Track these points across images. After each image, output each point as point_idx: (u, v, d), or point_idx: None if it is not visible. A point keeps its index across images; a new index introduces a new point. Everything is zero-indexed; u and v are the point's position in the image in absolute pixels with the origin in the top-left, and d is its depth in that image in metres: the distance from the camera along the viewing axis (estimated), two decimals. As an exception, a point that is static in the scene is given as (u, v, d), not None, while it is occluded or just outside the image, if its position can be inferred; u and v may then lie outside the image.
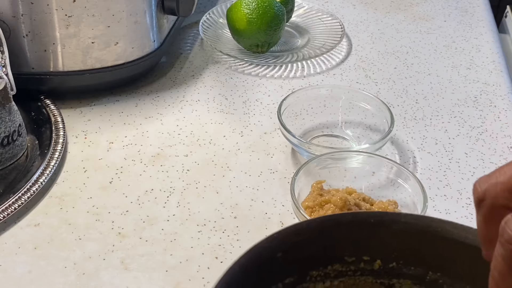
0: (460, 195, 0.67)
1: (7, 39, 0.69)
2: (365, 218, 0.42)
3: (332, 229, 0.42)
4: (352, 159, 0.67)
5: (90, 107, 0.77)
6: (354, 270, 0.43)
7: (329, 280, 0.43)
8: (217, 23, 0.93)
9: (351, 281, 0.44)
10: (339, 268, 0.43)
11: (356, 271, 0.43)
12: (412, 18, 1.00)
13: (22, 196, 0.62)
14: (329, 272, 0.43)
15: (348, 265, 0.43)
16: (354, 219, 0.42)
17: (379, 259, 0.43)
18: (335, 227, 0.42)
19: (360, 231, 0.42)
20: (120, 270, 0.57)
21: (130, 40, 0.75)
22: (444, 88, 0.84)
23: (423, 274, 0.43)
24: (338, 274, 0.43)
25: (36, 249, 0.59)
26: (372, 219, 0.42)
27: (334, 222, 0.42)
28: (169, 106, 0.78)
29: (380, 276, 0.43)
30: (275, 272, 0.41)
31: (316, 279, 0.43)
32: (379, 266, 0.43)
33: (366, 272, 0.43)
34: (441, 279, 0.43)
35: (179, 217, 0.63)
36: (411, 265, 0.43)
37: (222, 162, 0.70)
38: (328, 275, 0.43)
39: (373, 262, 0.43)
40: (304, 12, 0.97)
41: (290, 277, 0.42)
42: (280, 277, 0.42)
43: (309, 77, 0.85)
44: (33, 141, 0.69)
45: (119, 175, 0.67)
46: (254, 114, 0.77)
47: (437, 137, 0.75)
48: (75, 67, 0.74)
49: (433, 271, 0.43)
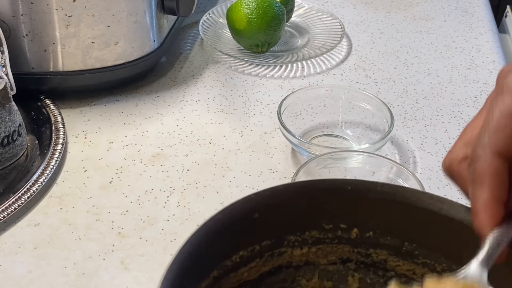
0: (460, 195, 0.67)
1: (7, 39, 0.69)
2: (341, 185, 0.42)
3: (309, 194, 0.42)
4: (352, 159, 0.67)
5: (90, 107, 0.77)
6: (331, 237, 0.44)
7: (307, 247, 0.44)
8: (217, 23, 0.93)
9: (328, 248, 0.44)
10: (316, 235, 0.43)
11: (333, 239, 0.44)
12: (412, 18, 1.00)
13: (22, 196, 0.62)
14: (306, 238, 0.43)
15: (326, 232, 0.43)
16: (331, 185, 0.43)
17: (356, 228, 0.43)
18: (313, 192, 0.42)
19: (337, 198, 0.42)
20: (120, 270, 0.57)
21: (130, 40, 0.75)
22: (444, 88, 0.84)
23: (399, 245, 0.43)
24: (316, 241, 0.44)
25: (36, 249, 0.59)
26: (349, 186, 0.42)
27: (312, 187, 0.42)
28: (169, 106, 0.78)
29: (357, 245, 0.44)
30: (252, 233, 0.41)
31: (294, 244, 0.43)
32: (356, 235, 0.43)
33: (344, 240, 0.44)
34: (417, 250, 0.43)
35: (179, 217, 0.63)
36: (387, 235, 0.43)
37: (222, 162, 0.70)
38: (306, 241, 0.43)
39: (350, 231, 0.43)
40: (304, 12, 0.97)
41: (267, 239, 0.42)
42: (257, 239, 0.42)
43: (309, 77, 0.85)
44: (33, 141, 0.69)
45: (119, 175, 0.67)
46: (254, 114, 0.77)
47: (437, 137, 0.75)
48: (75, 67, 0.74)
49: (409, 242, 0.43)
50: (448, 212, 0.40)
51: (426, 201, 0.41)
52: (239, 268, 0.42)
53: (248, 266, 0.42)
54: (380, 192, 0.42)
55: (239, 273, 0.42)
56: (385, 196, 0.42)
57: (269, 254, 0.43)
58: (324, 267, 0.45)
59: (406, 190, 0.42)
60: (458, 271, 0.37)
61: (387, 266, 0.44)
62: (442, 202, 0.41)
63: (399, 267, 0.44)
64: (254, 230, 0.41)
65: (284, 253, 0.43)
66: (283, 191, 0.42)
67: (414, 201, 0.41)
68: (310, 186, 0.43)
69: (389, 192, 0.42)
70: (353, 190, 0.42)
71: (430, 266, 0.43)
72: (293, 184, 0.43)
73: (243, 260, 0.42)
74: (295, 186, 0.43)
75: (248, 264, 0.42)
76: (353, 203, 0.42)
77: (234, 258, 0.41)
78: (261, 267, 0.43)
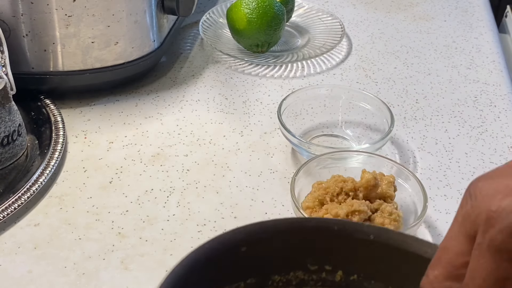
0: (460, 195, 0.67)
1: (7, 38, 0.69)
2: (328, 225, 0.43)
3: (296, 230, 0.42)
4: (352, 159, 0.67)
5: (90, 107, 0.77)
6: (316, 280, 0.44)
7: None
8: (217, 23, 0.93)
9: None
10: (301, 276, 0.44)
11: (318, 281, 0.44)
12: (412, 18, 1.00)
13: (22, 196, 0.62)
14: (291, 278, 0.44)
15: (311, 274, 0.43)
16: (318, 224, 0.43)
17: (340, 270, 0.43)
18: (300, 229, 0.42)
19: (323, 237, 0.42)
20: (120, 270, 0.57)
21: (130, 40, 0.75)
22: (444, 88, 0.84)
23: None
24: (300, 283, 0.44)
25: (36, 249, 0.59)
26: (336, 227, 0.42)
27: (299, 225, 0.43)
28: (169, 106, 0.78)
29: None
30: (238, 268, 0.41)
31: (278, 284, 0.43)
32: (341, 278, 0.43)
33: (328, 283, 0.44)
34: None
35: (179, 217, 0.63)
36: (371, 278, 0.43)
37: (222, 162, 0.70)
38: (290, 282, 0.44)
39: (335, 273, 0.43)
40: (304, 12, 0.97)
41: (252, 277, 0.42)
42: (242, 276, 0.42)
43: (309, 77, 0.85)
44: (33, 141, 0.69)
45: (119, 175, 0.67)
46: (254, 114, 0.77)
47: (437, 137, 0.75)
48: (75, 66, 0.74)
49: (393, 286, 0.43)
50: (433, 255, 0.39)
51: (412, 244, 0.41)
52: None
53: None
54: (366, 233, 0.42)
55: None
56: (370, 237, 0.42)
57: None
58: None
59: (392, 232, 0.42)
60: None
61: None
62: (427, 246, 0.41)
63: None
64: (240, 265, 0.41)
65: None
66: (272, 226, 0.42)
67: (399, 243, 0.41)
68: (298, 223, 0.43)
69: (374, 233, 0.42)
70: (339, 230, 0.42)
71: None
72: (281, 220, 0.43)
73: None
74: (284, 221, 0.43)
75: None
76: (339, 243, 0.42)
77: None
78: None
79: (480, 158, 0.72)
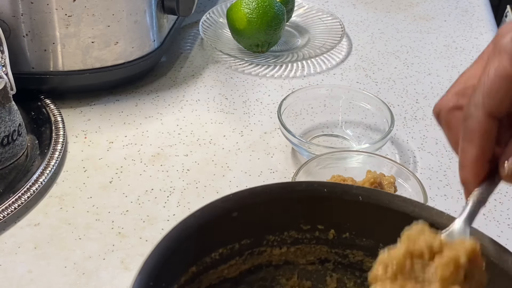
0: (460, 195, 0.67)
1: (7, 38, 0.69)
2: (318, 188, 0.44)
3: (287, 195, 0.43)
4: (352, 159, 0.67)
5: (90, 107, 0.77)
6: (309, 238, 0.45)
7: (285, 246, 0.45)
8: (217, 23, 0.93)
9: (307, 249, 0.45)
10: (295, 235, 0.44)
11: (311, 240, 0.45)
12: (412, 17, 1.00)
13: (22, 196, 0.61)
14: (285, 238, 0.44)
15: (304, 233, 0.44)
16: (308, 187, 0.44)
17: (333, 229, 0.44)
18: (291, 194, 0.43)
19: (314, 200, 0.44)
20: (120, 270, 0.57)
21: (130, 40, 0.75)
22: (444, 88, 0.84)
23: (374, 246, 0.44)
24: (294, 241, 0.45)
25: (36, 249, 0.59)
26: (325, 189, 0.43)
27: (290, 189, 0.44)
28: (169, 106, 0.78)
29: (335, 246, 0.45)
30: (231, 231, 0.42)
31: (273, 243, 0.44)
32: (333, 236, 0.45)
33: (321, 241, 0.45)
34: None
35: (179, 216, 0.63)
36: (362, 236, 0.44)
37: (222, 162, 0.70)
38: (285, 241, 0.45)
39: (327, 232, 0.44)
40: (304, 11, 0.97)
41: (246, 238, 0.43)
42: (236, 237, 0.43)
43: (309, 77, 0.85)
44: (33, 141, 0.69)
45: (119, 175, 0.67)
46: (254, 114, 0.77)
47: (437, 137, 0.75)
48: (75, 66, 0.74)
49: (384, 243, 0.43)
50: (420, 214, 0.42)
51: (399, 204, 0.43)
52: (219, 265, 0.43)
53: (227, 263, 0.43)
54: (355, 195, 0.43)
55: (219, 270, 0.43)
56: (360, 199, 0.43)
57: (249, 252, 0.44)
58: (303, 267, 0.46)
59: (380, 193, 0.44)
60: (444, 230, 0.38)
61: (363, 267, 0.45)
62: (414, 205, 0.43)
63: None
64: (233, 228, 0.42)
65: (263, 252, 0.44)
66: (261, 192, 0.43)
67: (387, 203, 0.43)
68: (287, 188, 0.44)
69: (363, 195, 0.43)
70: (329, 192, 0.43)
71: None
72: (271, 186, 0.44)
73: (222, 257, 0.43)
74: (273, 187, 0.44)
75: (228, 262, 0.43)
76: (329, 205, 0.44)
77: (213, 255, 0.42)
78: (241, 265, 0.44)
79: (480, 158, 0.72)
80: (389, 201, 0.43)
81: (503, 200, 0.67)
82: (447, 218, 0.41)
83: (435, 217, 0.42)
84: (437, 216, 0.41)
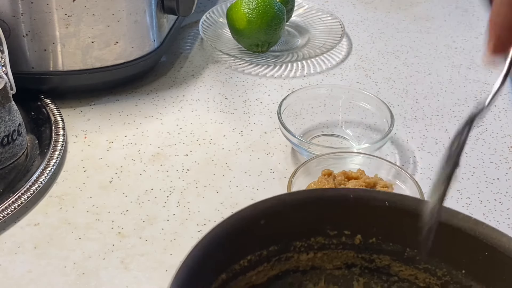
0: (460, 195, 0.67)
1: (7, 38, 0.69)
2: (345, 194, 0.44)
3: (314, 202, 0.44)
4: (352, 158, 0.67)
5: (90, 107, 0.77)
6: (336, 243, 0.45)
7: (312, 252, 0.45)
8: (217, 23, 0.93)
9: (334, 254, 0.46)
10: (321, 241, 0.45)
11: (338, 245, 0.45)
12: (412, 17, 1.00)
13: (22, 196, 0.61)
14: (312, 243, 0.45)
15: (330, 239, 0.45)
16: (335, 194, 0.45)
17: (359, 234, 0.45)
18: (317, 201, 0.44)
19: (340, 206, 0.44)
20: (120, 269, 0.57)
21: (130, 40, 0.75)
22: (444, 88, 0.84)
23: (401, 251, 0.44)
24: (321, 247, 0.45)
25: (36, 249, 0.59)
26: (352, 195, 0.44)
27: (317, 197, 0.44)
28: (169, 106, 0.78)
29: (361, 251, 0.45)
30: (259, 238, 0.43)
31: (300, 249, 0.45)
32: (360, 241, 0.45)
33: (348, 246, 0.45)
34: (418, 256, 0.44)
35: (179, 216, 0.63)
36: (389, 241, 0.45)
37: (222, 162, 0.70)
38: (312, 247, 0.45)
39: (354, 237, 0.45)
40: (304, 11, 0.97)
41: (274, 245, 0.44)
42: (264, 244, 0.43)
43: (309, 77, 0.85)
44: (33, 141, 0.69)
45: (119, 175, 0.67)
46: (254, 114, 0.77)
47: (437, 137, 0.75)
48: (75, 66, 0.74)
49: (411, 248, 0.44)
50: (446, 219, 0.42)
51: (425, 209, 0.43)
52: (247, 272, 0.43)
53: (256, 270, 0.43)
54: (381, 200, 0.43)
55: (248, 276, 0.43)
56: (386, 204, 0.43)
57: (276, 258, 0.44)
58: (330, 272, 0.46)
59: (406, 198, 0.44)
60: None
61: (390, 271, 0.46)
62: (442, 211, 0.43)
63: (402, 272, 0.45)
64: (261, 235, 0.43)
65: (290, 258, 0.45)
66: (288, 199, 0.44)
67: (413, 208, 0.43)
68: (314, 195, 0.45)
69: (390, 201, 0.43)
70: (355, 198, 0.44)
71: (431, 271, 0.44)
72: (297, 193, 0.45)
73: (251, 264, 0.43)
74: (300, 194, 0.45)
75: (256, 268, 0.43)
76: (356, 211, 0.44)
77: (242, 262, 0.42)
78: (268, 271, 0.44)
79: (480, 158, 0.72)
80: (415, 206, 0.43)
81: (503, 200, 0.67)
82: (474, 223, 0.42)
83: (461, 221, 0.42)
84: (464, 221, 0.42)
